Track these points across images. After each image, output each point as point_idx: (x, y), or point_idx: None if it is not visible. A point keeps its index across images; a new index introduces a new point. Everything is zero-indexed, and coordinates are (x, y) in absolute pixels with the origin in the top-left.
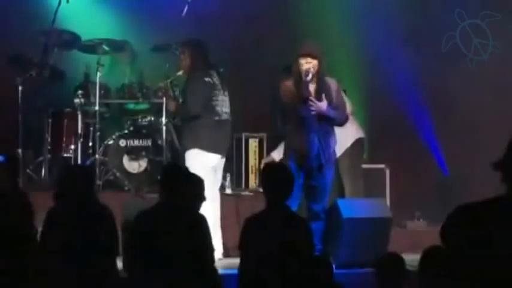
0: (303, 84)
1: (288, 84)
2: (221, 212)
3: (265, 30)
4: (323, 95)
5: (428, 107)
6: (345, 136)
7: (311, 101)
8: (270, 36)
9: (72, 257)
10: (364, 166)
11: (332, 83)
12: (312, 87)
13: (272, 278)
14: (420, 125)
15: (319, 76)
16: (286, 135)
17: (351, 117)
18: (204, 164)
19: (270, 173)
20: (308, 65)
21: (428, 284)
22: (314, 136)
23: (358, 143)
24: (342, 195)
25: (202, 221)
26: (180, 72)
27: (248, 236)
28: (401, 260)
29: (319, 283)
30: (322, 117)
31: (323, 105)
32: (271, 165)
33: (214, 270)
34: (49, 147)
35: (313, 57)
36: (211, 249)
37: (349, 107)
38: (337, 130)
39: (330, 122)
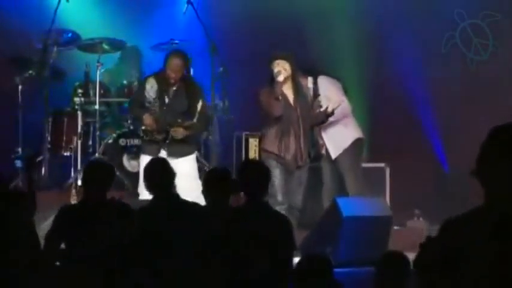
0: (275, 84)
1: (265, 89)
2: None
3: (267, 29)
4: (327, 108)
5: (429, 105)
6: (344, 137)
7: (331, 113)
8: (271, 35)
9: None
10: (364, 165)
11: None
12: (288, 90)
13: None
14: (421, 124)
15: (293, 78)
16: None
17: (350, 117)
18: None
19: (248, 170)
20: (279, 67)
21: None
22: (291, 139)
23: (357, 142)
24: (343, 194)
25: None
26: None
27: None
28: (406, 260)
29: (319, 282)
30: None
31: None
32: (249, 162)
33: None
34: (49, 146)
35: (284, 60)
36: None
37: (348, 107)
38: (336, 131)
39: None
